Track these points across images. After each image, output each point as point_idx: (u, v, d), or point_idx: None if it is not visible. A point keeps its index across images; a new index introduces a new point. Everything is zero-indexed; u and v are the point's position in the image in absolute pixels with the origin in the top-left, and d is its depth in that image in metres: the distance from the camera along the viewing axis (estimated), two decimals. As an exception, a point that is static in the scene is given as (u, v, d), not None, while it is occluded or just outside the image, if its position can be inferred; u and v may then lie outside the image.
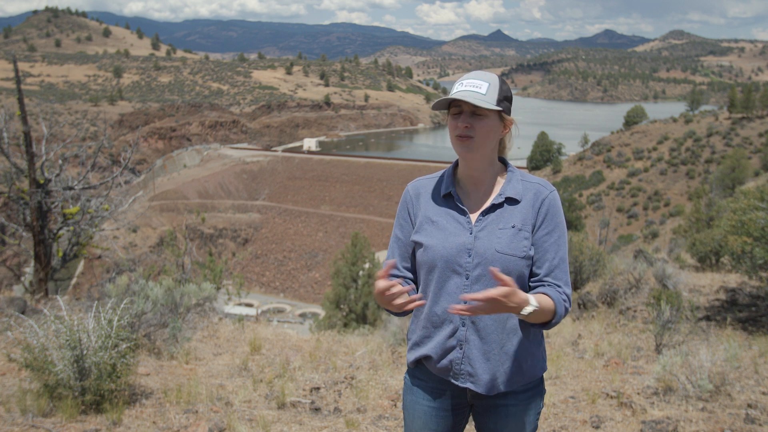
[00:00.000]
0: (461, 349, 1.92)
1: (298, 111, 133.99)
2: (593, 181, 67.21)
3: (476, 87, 1.88)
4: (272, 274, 63.34)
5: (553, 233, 1.94)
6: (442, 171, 2.07)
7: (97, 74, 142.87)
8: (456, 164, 2.05)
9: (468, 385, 1.94)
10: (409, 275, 2.08)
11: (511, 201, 1.95)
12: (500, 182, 2.00)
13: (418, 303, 1.86)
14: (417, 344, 2.02)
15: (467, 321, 1.91)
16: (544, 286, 1.92)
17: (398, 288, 1.82)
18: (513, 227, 1.91)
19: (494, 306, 1.73)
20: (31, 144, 7.58)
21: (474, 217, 1.96)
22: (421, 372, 2.05)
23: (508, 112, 1.96)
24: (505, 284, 1.72)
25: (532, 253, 1.92)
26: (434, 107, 1.96)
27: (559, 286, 1.91)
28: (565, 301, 1.89)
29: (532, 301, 1.79)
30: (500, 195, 1.96)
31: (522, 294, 1.77)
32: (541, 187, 1.97)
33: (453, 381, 1.96)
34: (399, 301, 1.83)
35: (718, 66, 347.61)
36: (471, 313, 1.73)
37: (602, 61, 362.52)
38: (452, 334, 1.93)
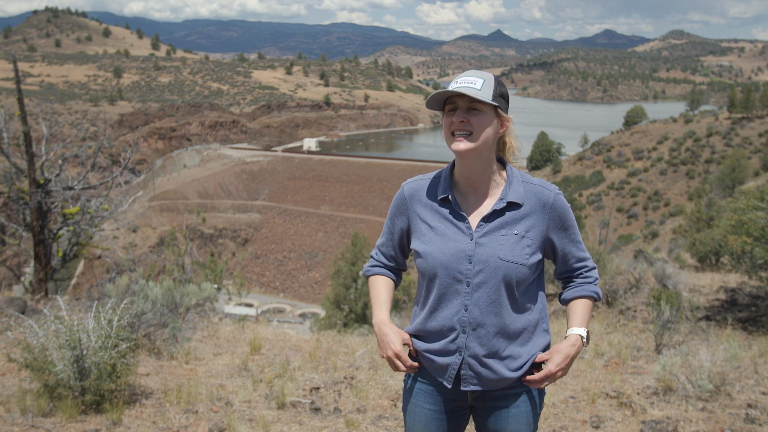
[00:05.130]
0: (460, 355, 1.92)
1: (298, 111, 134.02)
2: (593, 181, 67.21)
3: (471, 83, 1.86)
4: (272, 274, 63.32)
5: (568, 229, 1.98)
6: (439, 171, 2.03)
7: (97, 74, 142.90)
8: (453, 165, 2.01)
9: (471, 387, 1.94)
10: (391, 264, 2.14)
11: (513, 205, 1.92)
12: (500, 185, 1.96)
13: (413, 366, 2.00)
14: (417, 342, 2.03)
15: (468, 328, 1.90)
16: (572, 281, 2.03)
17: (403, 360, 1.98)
18: (516, 234, 1.89)
19: (564, 370, 1.89)
20: (31, 144, 7.58)
21: (474, 222, 1.92)
22: (421, 375, 2.04)
23: (505, 110, 1.93)
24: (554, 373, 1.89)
25: (535, 260, 1.91)
26: (428, 105, 1.93)
27: (585, 268, 2.02)
28: (594, 281, 2.02)
29: (581, 332, 1.94)
30: (501, 199, 1.92)
31: (570, 346, 1.91)
32: (543, 189, 1.94)
33: (446, 385, 1.95)
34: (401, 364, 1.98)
35: (718, 66, 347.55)
36: (549, 382, 1.90)
37: (602, 61, 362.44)
38: (453, 340, 1.92)
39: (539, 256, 1.94)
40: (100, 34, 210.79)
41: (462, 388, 1.95)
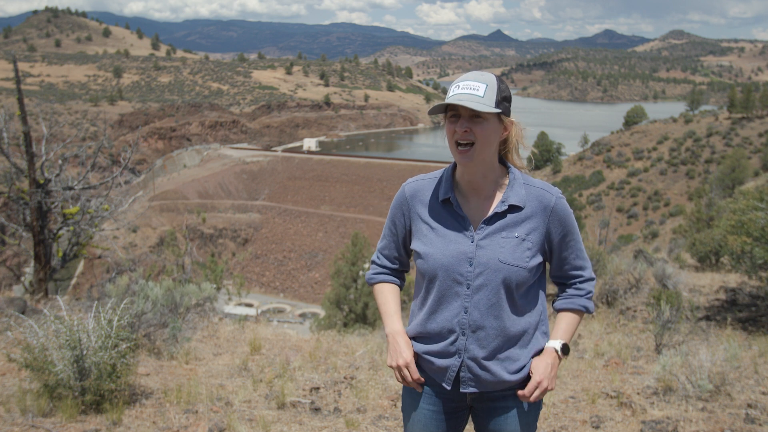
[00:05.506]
0: (459, 357, 1.91)
1: (298, 111, 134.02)
2: (593, 181, 67.20)
3: (473, 89, 1.82)
4: (272, 274, 63.32)
5: (568, 235, 1.95)
6: (441, 171, 2.02)
7: (97, 74, 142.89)
8: (455, 166, 1.99)
9: (470, 389, 1.94)
10: (395, 265, 2.11)
11: (515, 208, 1.91)
12: (502, 187, 1.95)
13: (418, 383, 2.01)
14: (416, 344, 2.02)
15: (467, 331, 1.89)
16: (565, 291, 2.02)
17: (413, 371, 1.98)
18: (516, 237, 1.88)
19: (548, 378, 1.92)
20: (31, 144, 7.58)
21: (475, 224, 1.91)
22: (420, 373, 2.04)
23: (508, 113, 1.90)
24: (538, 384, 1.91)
25: (535, 263, 1.91)
26: (430, 113, 1.91)
27: (580, 278, 2.00)
28: (585, 294, 1.99)
29: (555, 344, 1.95)
30: (503, 202, 1.90)
31: (546, 356, 1.93)
32: (545, 193, 1.93)
33: (446, 387, 1.95)
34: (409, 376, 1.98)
35: (718, 66, 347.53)
36: (538, 396, 1.92)
37: (602, 61, 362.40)
38: (452, 342, 1.92)
39: (540, 258, 1.93)
40: (100, 34, 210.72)
41: (461, 390, 1.94)
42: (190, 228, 61.72)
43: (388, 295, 2.08)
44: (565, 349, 1.96)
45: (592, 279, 2.01)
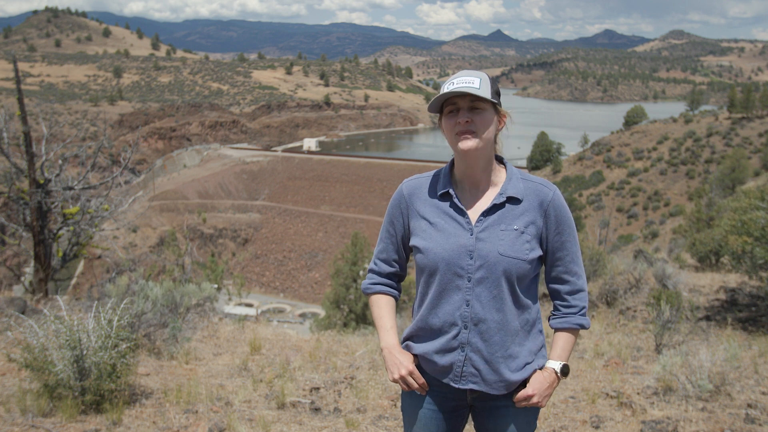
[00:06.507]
0: (463, 351, 1.91)
1: (298, 111, 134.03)
2: (593, 181, 67.21)
3: (470, 83, 1.87)
4: (272, 274, 63.30)
5: (564, 233, 1.95)
6: (438, 170, 2.04)
7: (97, 74, 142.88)
8: (452, 164, 2.01)
9: (471, 386, 1.93)
10: (393, 269, 2.10)
11: (513, 200, 1.93)
12: (500, 181, 1.98)
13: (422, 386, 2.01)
14: (417, 344, 2.02)
15: (470, 324, 1.90)
16: (558, 309, 2.02)
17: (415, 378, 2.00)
18: (515, 229, 1.90)
19: (540, 395, 1.94)
20: (31, 144, 7.58)
21: (474, 217, 1.93)
22: (420, 374, 2.04)
23: (500, 107, 1.96)
24: (532, 394, 1.94)
25: (535, 255, 1.91)
26: (430, 108, 1.94)
27: (573, 287, 1.99)
28: (579, 311, 1.99)
29: (555, 365, 1.96)
30: (501, 194, 1.93)
31: (548, 375, 1.95)
32: (542, 187, 1.95)
33: (453, 384, 1.95)
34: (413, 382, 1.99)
35: (718, 66, 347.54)
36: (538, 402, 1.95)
37: (602, 61, 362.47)
38: (455, 337, 1.92)
39: (539, 252, 1.94)
40: (100, 34, 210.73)
41: (461, 386, 1.94)
42: (190, 228, 61.74)
43: (384, 308, 2.09)
44: (565, 370, 1.97)
45: (583, 290, 2.00)
